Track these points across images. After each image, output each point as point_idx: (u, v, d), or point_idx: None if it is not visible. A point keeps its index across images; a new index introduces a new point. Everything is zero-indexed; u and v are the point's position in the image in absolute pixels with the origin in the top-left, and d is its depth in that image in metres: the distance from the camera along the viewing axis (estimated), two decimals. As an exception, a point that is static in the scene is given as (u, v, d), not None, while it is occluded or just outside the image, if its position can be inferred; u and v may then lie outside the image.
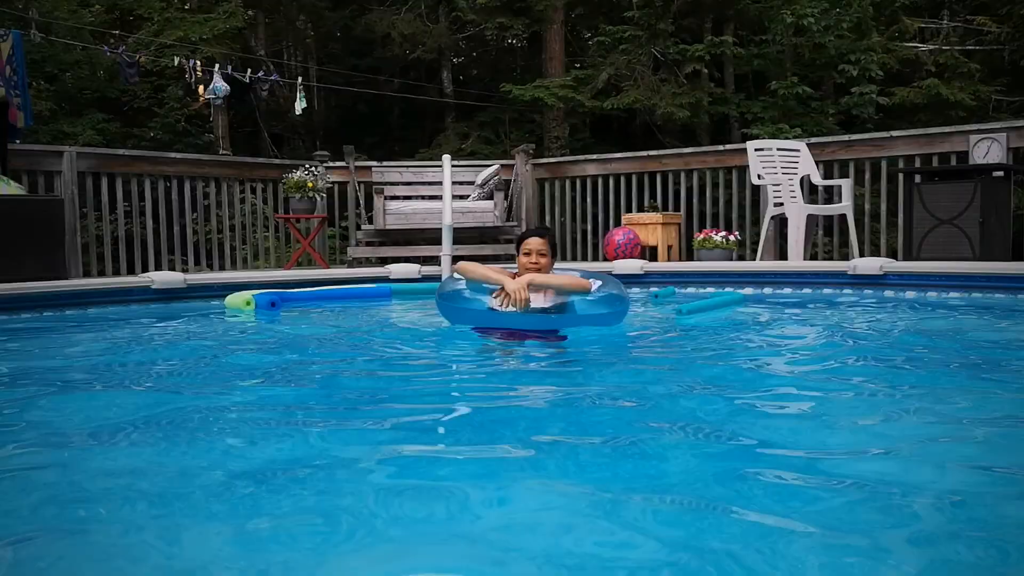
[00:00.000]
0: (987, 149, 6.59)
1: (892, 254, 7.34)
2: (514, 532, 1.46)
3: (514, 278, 3.90)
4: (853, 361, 3.34)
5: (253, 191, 8.85)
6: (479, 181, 8.67)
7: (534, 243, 3.95)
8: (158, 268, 7.68)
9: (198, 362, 3.54)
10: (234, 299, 5.31)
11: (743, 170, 7.92)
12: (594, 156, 9.38)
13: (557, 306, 3.82)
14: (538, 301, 3.78)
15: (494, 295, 3.82)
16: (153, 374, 3.21)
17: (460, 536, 1.46)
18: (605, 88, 13.17)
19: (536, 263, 3.90)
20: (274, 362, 3.53)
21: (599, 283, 3.97)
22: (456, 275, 4.15)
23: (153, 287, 5.83)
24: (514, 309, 3.66)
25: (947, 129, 7.21)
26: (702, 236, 7.60)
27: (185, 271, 7.43)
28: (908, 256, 6.54)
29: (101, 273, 7.70)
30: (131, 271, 7.62)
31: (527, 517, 1.54)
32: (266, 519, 1.56)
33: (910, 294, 5.61)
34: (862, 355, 3.49)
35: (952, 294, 5.47)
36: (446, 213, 6.85)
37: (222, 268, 8.46)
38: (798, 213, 7.00)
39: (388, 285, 6.30)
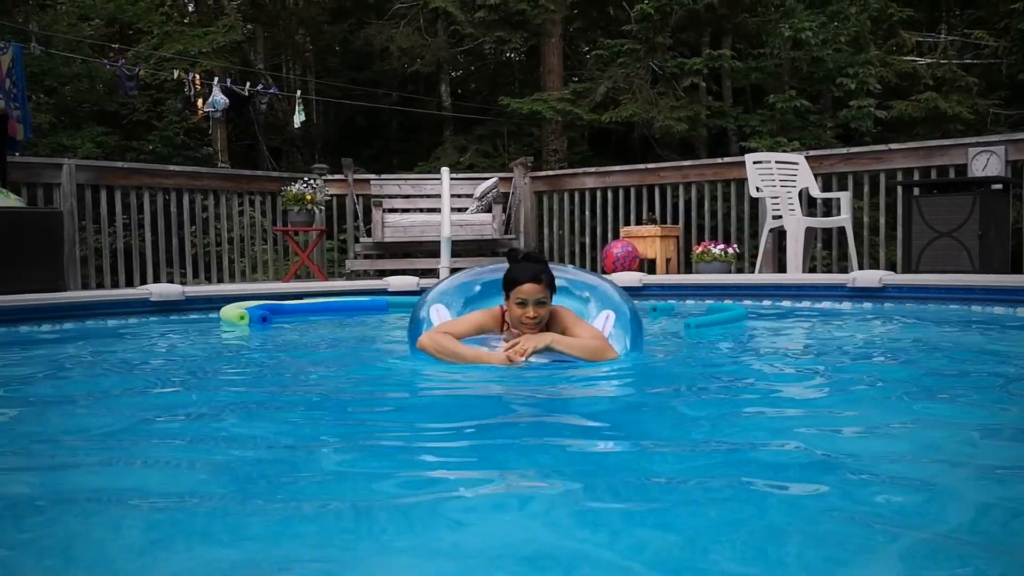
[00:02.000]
0: (986, 162, 6.61)
1: (891, 267, 7.35)
2: (510, 549, 1.45)
3: (503, 324, 3.24)
4: (855, 376, 3.32)
5: (252, 204, 8.86)
6: (477, 194, 8.68)
7: (529, 291, 3.04)
8: (156, 281, 7.67)
9: (191, 376, 3.52)
10: (228, 312, 5.29)
11: (741, 183, 7.93)
12: (592, 169, 9.39)
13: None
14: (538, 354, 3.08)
15: (501, 346, 3.10)
16: (145, 388, 3.19)
17: (456, 553, 1.45)
18: (603, 101, 13.21)
19: (535, 317, 3.07)
20: (267, 377, 3.50)
21: (613, 316, 3.38)
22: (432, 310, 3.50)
23: (151, 299, 5.81)
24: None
25: (946, 142, 7.23)
26: (701, 249, 7.61)
27: (184, 284, 7.42)
28: (907, 269, 6.54)
29: (100, 285, 7.70)
30: (129, 284, 7.61)
31: (524, 532, 1.53)
32: (255, 530, 1.55)
33: (909, 306, 5.61)
34: (864, 369, 3.48)
35: (952, 307, 5.46)
36: (445, 226, 6.86)
37: (220, 281, 8.45)
38: (797, 226, 7.00)
39: (385, 298, 6.29)
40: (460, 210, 8.54)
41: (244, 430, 2.43)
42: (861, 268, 7.08)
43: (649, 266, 8.18)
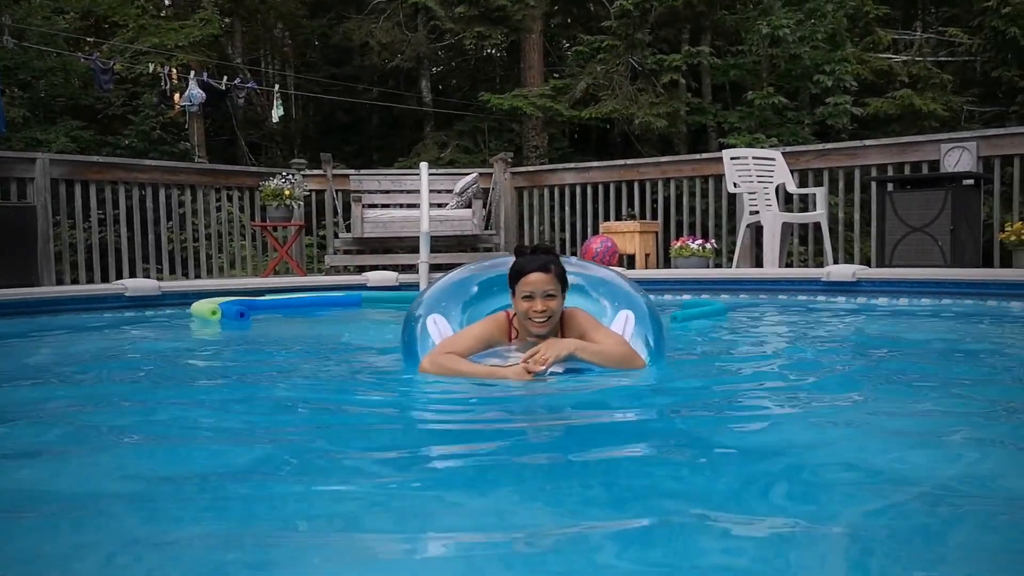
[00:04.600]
0: (958, 158, 6.69)
1: (865, 261, 7.42)
2: (489, 550, 1.46)
3: (511, 331, 2.94)
4: (829, 368, 3.35)
5: (229, 199, 8.80)
6: (457, 189, 8.67)
7: (536, 282, 2.77)
8: (132, 277, 7.62)
9: (163, 372, 3.50)
10: (200, 307, 5.25)
11: (719, 179, 7.98)
12: (572, 165, 9.41)
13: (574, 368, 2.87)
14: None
15: (514, 358, 2.82)
16: (116, 385, 3.18)
17: (431, 551, 1.45)
18: (583, 98, 13.24)
19: (544, 310, 2.78)
20: (237, 374, 3.48)
21: (633, 316, 3.09)
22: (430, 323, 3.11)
23: (127, 295, 5.78)
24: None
25: (919, 138, 7.31)
26: (679, 244, 7.65)
27: (160, 280, 7.37)
28: (881, 263, 6.61)
29: (75, 281, 7.62)
30: (105, 280, 7.55)
31: (500, 534, 1.54)
32: (226, 524, 1.55)
33: (883, 300, 5.68)
34: (837, 361, 3.52)
35: (923, 300, 5.53)
36: (423, 221, 6.85)
37: (198, 277, 8.40)
38: (773, 221, 7.06)
39: (358, 293, 6.29)
40: (440, 205, 8.54)
41: (214, 429, 2.42)
42: (836, 263, 7.15)
43: (628, 261, 8.21)
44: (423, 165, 7.12)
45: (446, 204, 8.64)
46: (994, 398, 2.67)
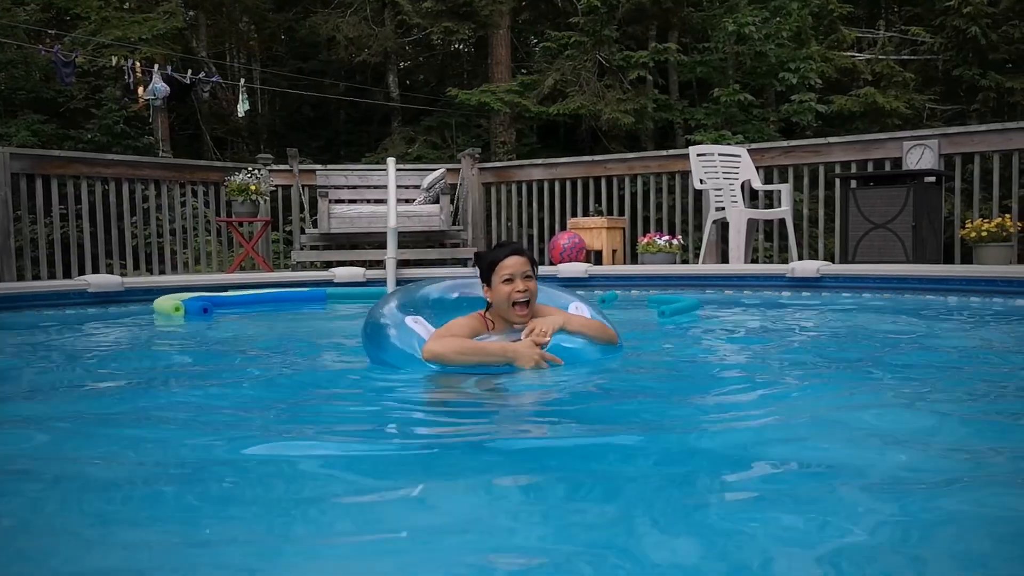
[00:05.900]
0: (920, 155, 6.80)
1: (829, 257, 7.52)
2: (456, 542, 1.46)
3: (488, 324, 3.01)
4: (795, 361, 3.40)
5: (194, 194, 8.70)
6: (425, 185, 8.65)
7: (515, 264, 2.92)
8: (95, 272, 7.49)
9: (122, 367, 3.46)
10: (163, 303, 5.19)
11: (686, 175, 8.04)
12: (540, 161, 9.42)
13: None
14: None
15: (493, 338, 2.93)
16: (78, 382, 3.14)
17: (400, 549, 1.46)
18: (551, 94, 13.27)
19: (525, 291, 2.92)
20: (200, 370, 3.45)
21: (585, 307, 3.27)
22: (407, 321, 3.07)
23: (89, 290, 5.69)
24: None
25: (882, 136, 7.42)
26: (646, 240, 7.69)
27: (124, 275, 7.27)
28: (844, 259, 6.71)
29: (36, 277, 7.50)
30: (67, 276, 7.42)
31: (470, 529, 1.54)
32: (191, 523, 1.54)
33: (846, 295, 5.76)
34: (802, 356, 3.57)
35: (886, 296, 5.63)
36: (391, 216, 6.83)
37: (162, 272, 8.29)
38: (739, 217, 7.12)
39: (323, 289, 6.27)
40: (407, 201, 8.51)
41: (174, 424, 2.40)
42: (801, 258, 7.24)
43: (595, 257, 8.25)
44: (390, 160, 7.10)
45: (413, 200, 8.62)
46: (958, 390, 2.73)
